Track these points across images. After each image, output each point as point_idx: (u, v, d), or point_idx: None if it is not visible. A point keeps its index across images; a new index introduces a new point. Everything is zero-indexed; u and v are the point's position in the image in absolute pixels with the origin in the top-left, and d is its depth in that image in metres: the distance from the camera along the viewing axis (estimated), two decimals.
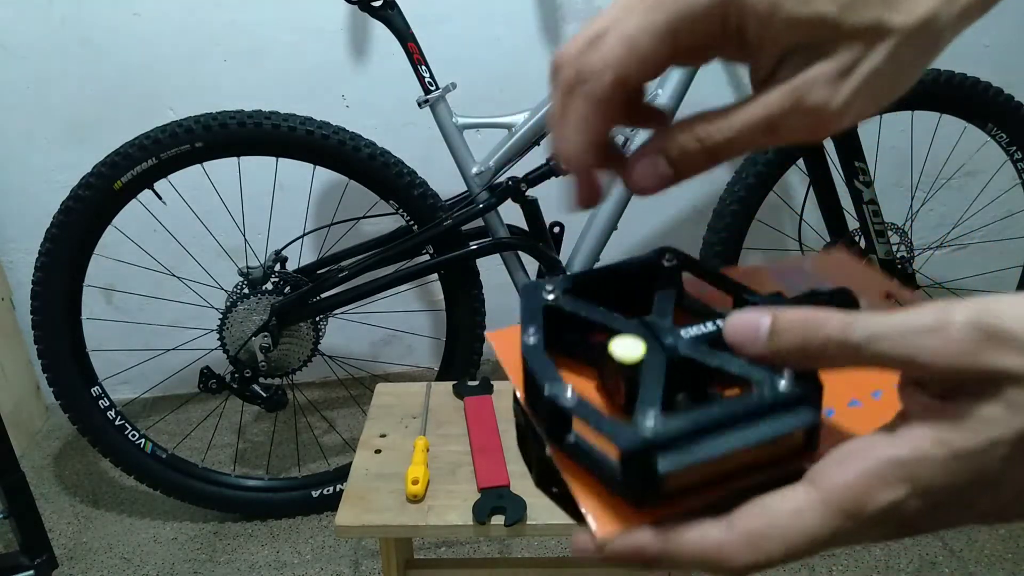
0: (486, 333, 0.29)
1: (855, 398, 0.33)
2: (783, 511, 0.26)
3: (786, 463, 0.28)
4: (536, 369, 0.30)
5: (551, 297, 0.33)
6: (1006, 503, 0.26)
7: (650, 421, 0.27)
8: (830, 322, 0.27)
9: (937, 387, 0.26)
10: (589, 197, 0.34)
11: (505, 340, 0.35)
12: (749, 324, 0.28)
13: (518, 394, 0.33)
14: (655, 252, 0.35)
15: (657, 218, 2.00)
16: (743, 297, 0.34)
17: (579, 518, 0.29)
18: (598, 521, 0.28)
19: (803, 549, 0.26)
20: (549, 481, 0.33)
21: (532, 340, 0.31)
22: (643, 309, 0.33)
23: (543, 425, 0.30)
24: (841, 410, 0.32)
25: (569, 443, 0.29)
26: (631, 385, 0.30)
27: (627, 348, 0.30)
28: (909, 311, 0.25)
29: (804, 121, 0.29)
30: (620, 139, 1.45)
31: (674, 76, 1.45)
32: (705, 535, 0.26)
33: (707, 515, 0.27)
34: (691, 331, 0.31)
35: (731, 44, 0.30)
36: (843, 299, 0.34)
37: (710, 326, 0.31)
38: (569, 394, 0.29)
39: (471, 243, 1.49)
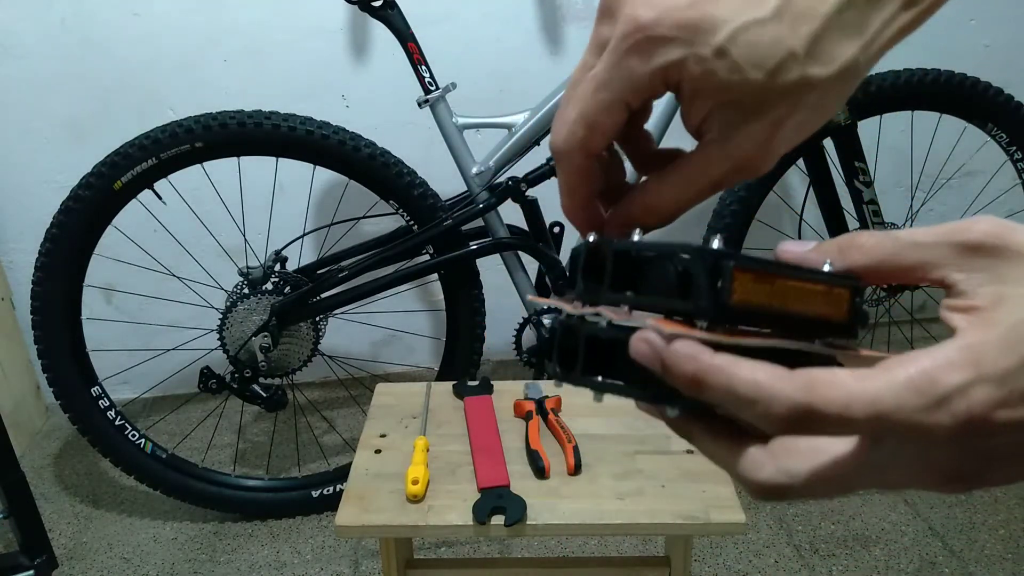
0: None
1: None
2: (850, 375, 0.25)
3: (834, 335, 0.30)
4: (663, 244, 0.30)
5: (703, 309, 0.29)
6: None
7: (716, 242, 0.29)
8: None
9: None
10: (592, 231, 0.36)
11: None
12: (648, 355, 0.28)
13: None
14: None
15: None
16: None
17: (631, 393, 0.30)
18: (667, 326, 0.28)
19: (861, 410, 0.25)
20: (597, 366, 0.30)
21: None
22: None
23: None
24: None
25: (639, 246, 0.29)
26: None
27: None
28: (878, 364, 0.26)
29: (740, 176, 0.33)
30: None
31: (657, 108, 1.45)
32: (764, 370, 0.26)
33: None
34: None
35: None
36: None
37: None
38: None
39: (471, 243, 1.49)
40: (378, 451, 0.97)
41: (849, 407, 0.25)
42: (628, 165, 0.38)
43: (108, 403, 1.51)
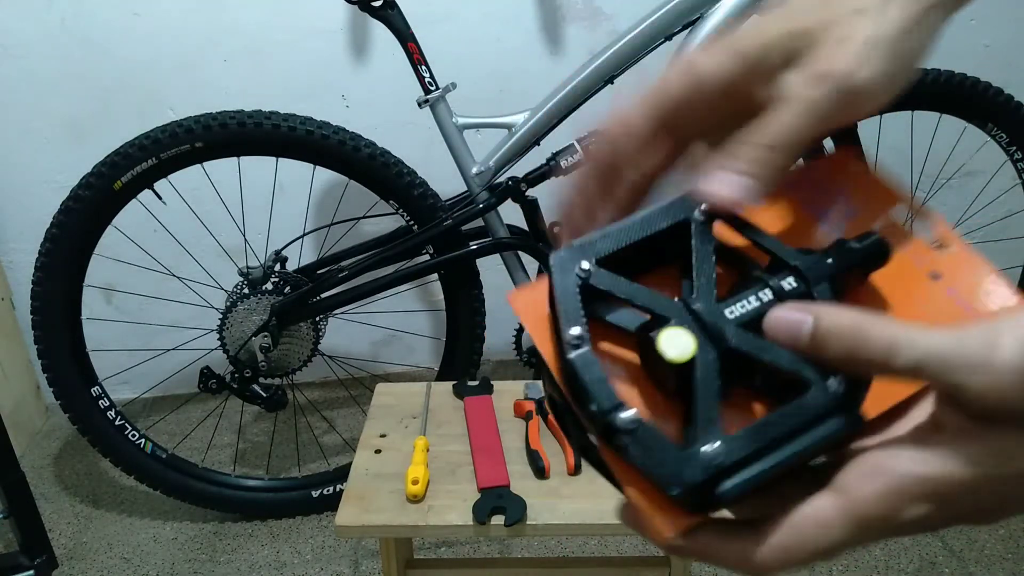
0: (507, 295, 0.29)
1: None
2: (811, 524, 0.27)
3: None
4: (588, 381, 0.29)
5: (586, 273, 0.32)
6: (1015, 510, 0.27)
7: (710, 447, 0.28)
8: (873, 339, 0.27)
9: (977, 411, 0.26)
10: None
11: (527, 301, 0.34)
12: (791, 324, 0.28)
13: (549, 367, 0.31)
14: (682, 203, 0.33)
15: None
16: (777, 259, 0.33)
17: (618, 485, 0.30)
18: (660, 520, 0.29)
19: (828, 555, 0.27)
20: (589, 452, 0.32)
21: (577, 344, 0.30)
22: (679, 254, 0.33)
23: (593, 427, 0.30)
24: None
25: (622, 447, 0.28)
26: (682, 379, 0.30)
27: (676, 345, 0.29)
28: (956, 334, 0.26)
29: (841, 99, 0.31)
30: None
31: None
32: (742, 547, 0.28)
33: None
34: (736, 310, 0.31)
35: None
36: (876, 251, 0.33)
37: (754, 302, 0.31)
38: (625, 415, 0.28)
39: (471, 243, 1.49)
40: (378, 451, 0.97)
41: (815, 558, 0.28)
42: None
43: (108, 403, 1.51)
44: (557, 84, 1.44)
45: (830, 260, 0.32)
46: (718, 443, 0.28)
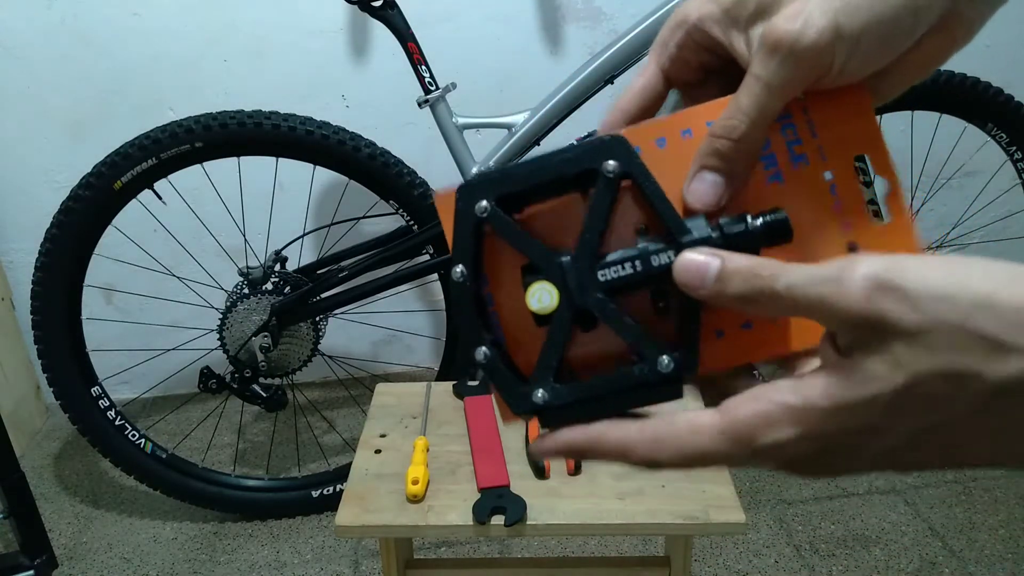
0: (434, 193, 0.31)
1: (748, 321, 0.37)
2: (685, 425, 0.30)
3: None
4: (461, 316, 0.35)
5: (483, 213, 0.35)
6: (895, 451, 0.28)
7: (540, 392, 0.34)
8: (765, 271, 0.29)
9: (843, 341, 0.28)
10: None
11: (448, 203, 0.36)
12: (699, 268, 0.31)
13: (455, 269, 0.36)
14: (598, 146, 0.34)
15: None
16: (681, 229, 0.34)
17: None
18: (506, 415, 0.36)
19: (694, 460, 0.30)
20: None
21: (459, 280, 0.35)
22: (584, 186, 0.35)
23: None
24: (733, 331, 0.37)
25: (481, 371, 0.35)
26: (542, 323, 0.35)
27: (540, 299, 0.34)
28: (823, 263, 0.28)
29: (795, 67, 0.32)
30: None
31: None
32: (623, 433, 0.32)
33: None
34: (609, 274, 0.34)
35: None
36: (775, 229, 0.34)
37: (627, 269, 0.34)
38: (480, 352, 0.35)
39: None
40: (378, 451, 0.97)
41: (683, 460, 0.31)
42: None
43: (108, 403, 1.51)
44: (557, 84, 1.44)
45: (718, 236, 0.33)
46: (547, 390, 0.34)
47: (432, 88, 1.43)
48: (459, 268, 0.35)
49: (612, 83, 1.44)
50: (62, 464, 1.81)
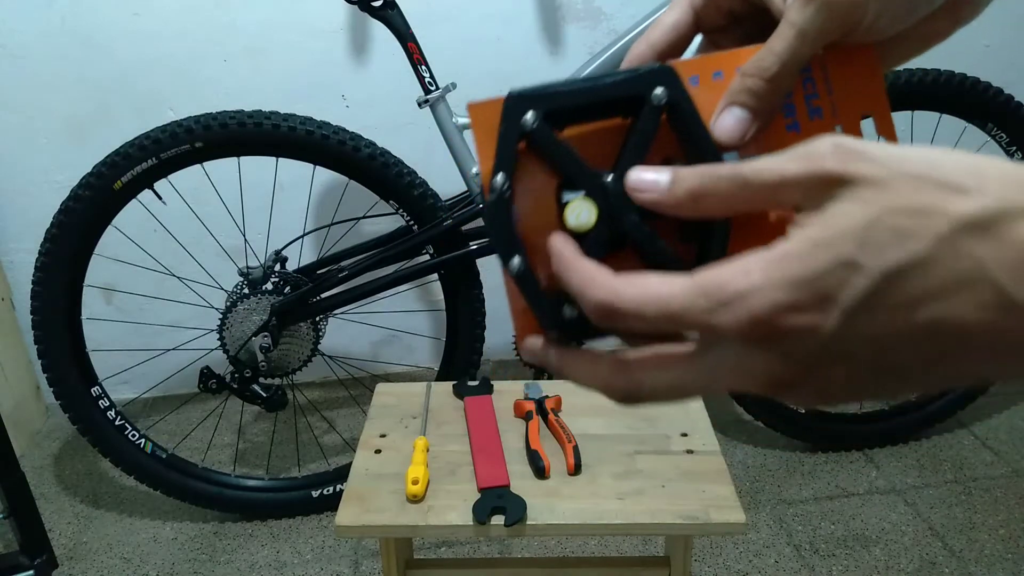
0: (468, 104, 0.32)
1: None
2: (658, 278, 0.29)
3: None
4: (495, 227, 0.35)
5: (530, 125, 0.35)
6: (871, 305, 0.26)
7: (568, 309, 0.34)
8: (722, 168, 0.30)
9: (812, 205, 0.28)
10: None
11: (483, 114, 0.36)
12: (655, 176, 0.32)
13: (481, 178, 0.37)
14: (649, 74, 0.35)
15: None
16: (705, 156, 0.35)
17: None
18: (519, 325, 0.37)
19: (653, 310, 0.29)
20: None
21: (497, 190, 0.35)
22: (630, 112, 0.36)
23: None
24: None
25: (514, 274, 0.35)
26: (577, 239, 0.35)
27: (579, 216, 0.35)
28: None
29: (829, 17, 0.34)
30: None
31: None
32: (584, 271, 0.32)
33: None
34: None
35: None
36: None
37: None
38: (513, 263, 0.35)
39: (471, 243, 1.49)
40: (378, 451, 0.97)
41: (642, 306, 0.29)
42: None
43: (108, 403, 1.51)
44: None
45: None
46: (573, 309, 0.34)
47: (432, 88, 1.43)
48: (500, 176, 0.35)
49: None
50: (62, 464, 1.81)
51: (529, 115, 0.35)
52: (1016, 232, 0.25)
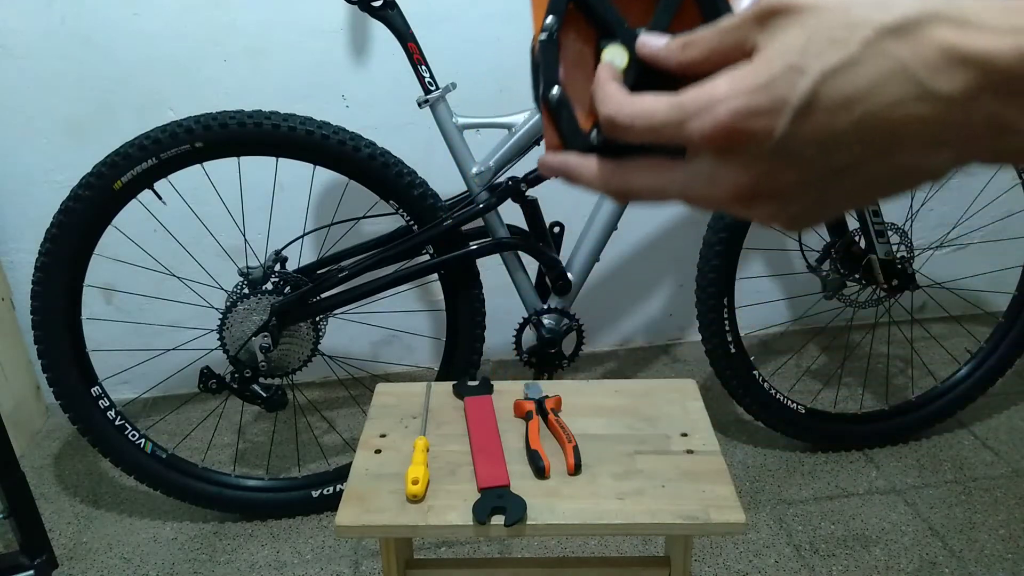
0: None
1: None
2: (652, 97, 0.35)
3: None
4: (542, 62, 0.42)
5: None
6: (823, 96, 0.31)
7: (595, 134, 0.41)
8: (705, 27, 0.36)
9: (760, 40, 0.33)
10: None
11: None
12: (651, 41, 0.39)
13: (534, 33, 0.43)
14: None
15: (657, 218, 2.00)
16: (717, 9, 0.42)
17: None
18: (548, 144, 0.42)
19: (641, 122, 0.35)
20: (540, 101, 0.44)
21: (547, 30, 0.42)
22: None
23: (537, 92, 0.43)
24: None
25: (548, 110, 0.42)
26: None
27: (614, 58, 0.41)
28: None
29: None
30: None
31: None
32: (605, 89, 0.38)
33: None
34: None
35: None
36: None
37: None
38: (553, 93, 0.41)
39: (471, 243, 1.49)
40: (378, 451, 0.97)
41: (634, 119, 0.35)
42: None
43: (108, 403, 1.51)
44: None
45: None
46: (600, 136, 0.40)
47: (432, 88, 1.43)
48: (551, 19, 0.42)
49: None
50: (62, 464, 1.81)
51: None
52: (932, 34, 0.29)
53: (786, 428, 1.70)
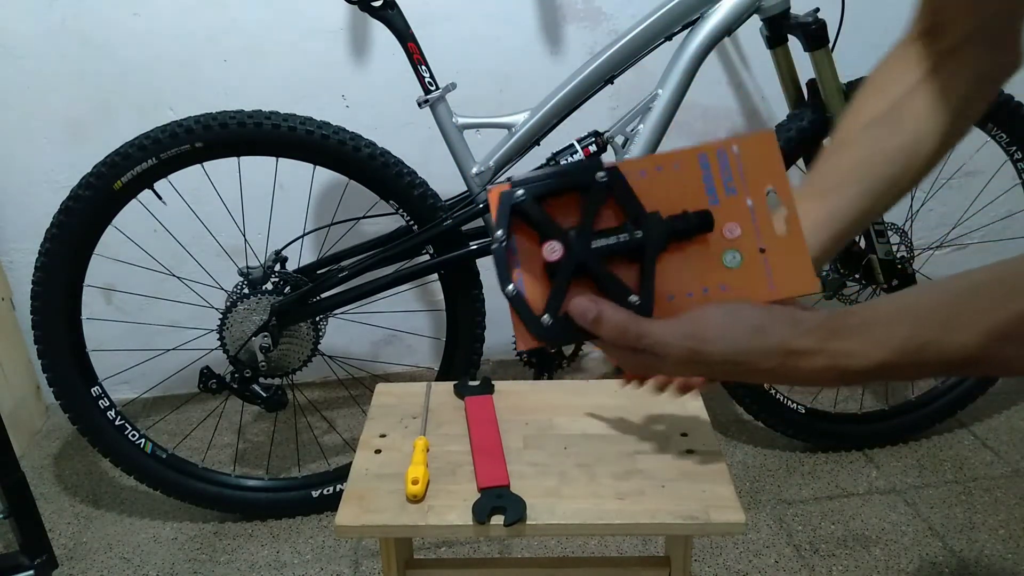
0: (488, 189, 0.69)
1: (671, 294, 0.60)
2: (658, 323, 0.58)
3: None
4: (497, 263, 0.58)
5: (518, 199, 0.57)
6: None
7: (546, 317, 0.58)
8: (628, 332, 0.56)
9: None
10: None
11: (495, 195, 0.58)
12: (585, 309, 0.57)
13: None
14: (592, 165, 0.57)
15: None
16: (637, 217, 0.58)
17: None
18: (520, 336, 0.60)
19: (643, 343, 0.57)
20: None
21: (496, 241, 0.58)
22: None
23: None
24: (680, 298, 0.60)
25: (509, 296, 0.59)
26: (552, 269, 0.58)
27: (550, 254, 0.57)
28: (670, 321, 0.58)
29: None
30: (620, 139, 1.45)
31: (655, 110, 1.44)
32: (606, 311, 0.58)
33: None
34: (600, 243, 0.57)
35: None
36: (703, 221, 0.57)
37: (611, 240, 0.57)
38: (509, 288, 0.58)
39: (471, 243, 1.49)
40: (378, 451, 0.97)
41: (639, 339, 0.57)
42: None
43: (108, 403, 1.51)
44: (557, 84, 1.45)
45: (667, 223, 0.58)
46: (551, 316, 0.58)
47: (432, 88, 1.43)
48: (500, 231, 0.57)
49: (612, 83, 1.44)
50: (62, 464, 1.81)
51: (519, 192, 0.57)
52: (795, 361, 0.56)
53: (786, 428, 1.70)
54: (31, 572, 1.36)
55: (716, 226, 0.57)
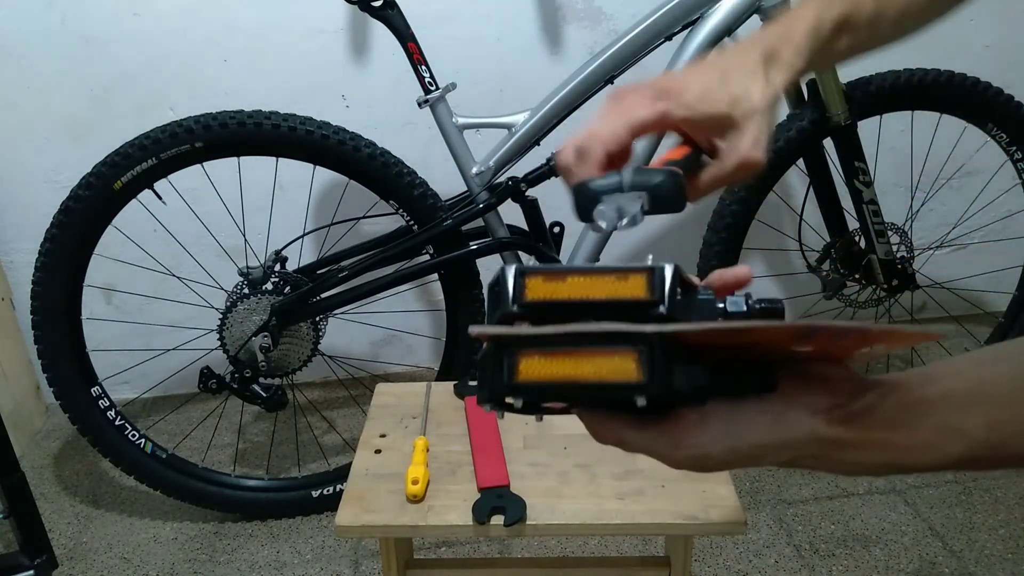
0: (470, 329, 0.45)
1: None
2: (659, 438, 0.52)
3: (649, 310, 0.43)
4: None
5: (513, 312, 0.42)
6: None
7: (515, 404, 0.43)
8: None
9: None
10: None
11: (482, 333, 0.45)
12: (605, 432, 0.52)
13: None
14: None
15: (657, 219, 2.00)
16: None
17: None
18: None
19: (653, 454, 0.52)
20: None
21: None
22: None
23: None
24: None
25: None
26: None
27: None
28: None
29: (747, 172, 0.55)
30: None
31: None
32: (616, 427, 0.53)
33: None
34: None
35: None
36: (775, 309, 0.49)
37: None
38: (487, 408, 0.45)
39: (471, 243, 1.49)
40: (378, 451, 0.97)
41: (647, 450, 0.50)
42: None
43: (108, 403, 1.51)
44: (557, 84, 1.44)
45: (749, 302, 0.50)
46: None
47: (432, 88, 1.43)
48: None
49: (612, 83, 1.44)
50: (62, 464, 1.81)
51: (515, 306, 0.44)
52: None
53: None
54: (31, 572, 1.36)
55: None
